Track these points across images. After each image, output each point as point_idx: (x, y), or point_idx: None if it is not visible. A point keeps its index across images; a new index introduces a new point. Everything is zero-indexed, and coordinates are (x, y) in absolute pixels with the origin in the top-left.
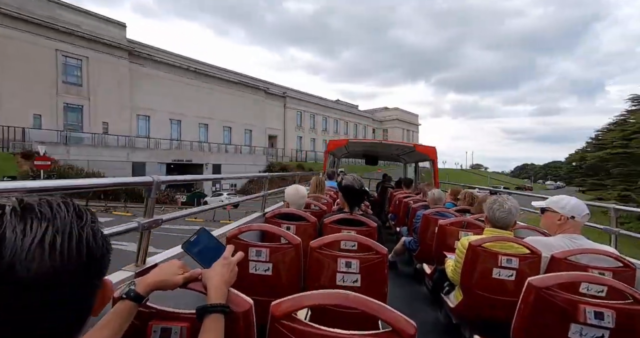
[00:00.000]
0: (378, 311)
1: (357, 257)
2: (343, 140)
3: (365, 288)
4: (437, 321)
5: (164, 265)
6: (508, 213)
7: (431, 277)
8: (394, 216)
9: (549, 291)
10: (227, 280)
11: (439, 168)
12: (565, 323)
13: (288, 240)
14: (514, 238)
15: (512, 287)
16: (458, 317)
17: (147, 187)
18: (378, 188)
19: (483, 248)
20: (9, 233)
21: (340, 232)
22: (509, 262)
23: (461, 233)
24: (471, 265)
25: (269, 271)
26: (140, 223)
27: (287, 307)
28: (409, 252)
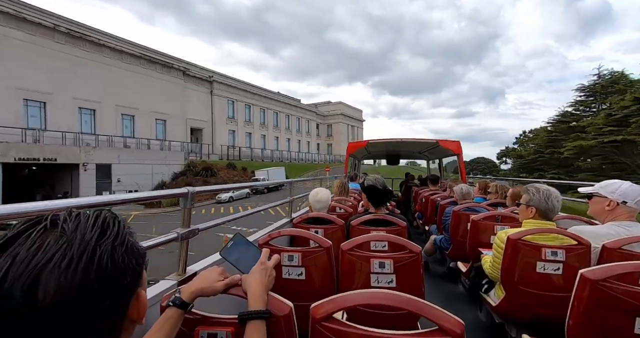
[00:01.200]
0: (424, 310)
1: (391, 256)
2: (363, 142)
3: (401, 289)
4: (479, 320)
5: (205, 273)
6: (560, 201)
7: (467, 275)
8: (421, 215)
9: (606, 283)
10: (266, 285)
11: (385, 165)
12: (628, 318)
13: (319, 243)
14: (558, 229)
15: (560, 282)
16: (502, 316)
17: (183, 198)
18: (402, 187)
19: (524, 241)
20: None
21: (368, 233)
22: (554, 255)
23: (497, 227)
24: (512, 260)
25: (302, 275)
26: (179, 234)
27: (328, 308)
28: (441, 250)
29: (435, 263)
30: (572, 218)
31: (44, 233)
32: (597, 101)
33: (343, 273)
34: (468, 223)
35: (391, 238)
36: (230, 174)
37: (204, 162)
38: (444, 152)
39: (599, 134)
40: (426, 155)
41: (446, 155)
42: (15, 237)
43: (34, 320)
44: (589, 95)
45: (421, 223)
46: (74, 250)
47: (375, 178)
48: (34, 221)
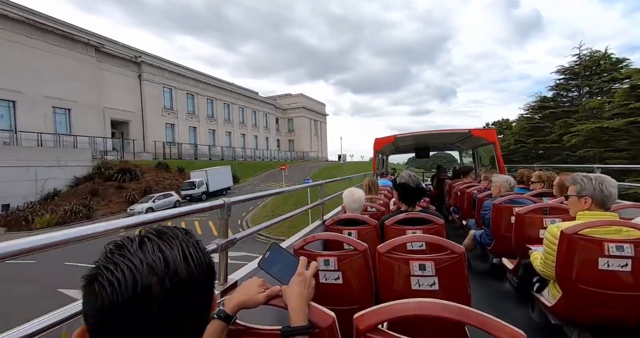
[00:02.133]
0: (477, 320)
1: (432, 258)
2: (390, 137)
3: (444, 292)
4: (532, 322)
5: (246, 284)
6: (616, 189)
7: (515, 273)
8: (457, 209)
9: None
10: (306, 297)
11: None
12: None
13: (354, 246)
14: (623, 221)
15: (630, 280)
16: (560, 317)
17: (220, 210)
18: (433, 181)
19: (580, 235)
20: (164, 248)
21: (404, 233)
22: (620, 250)
23: (545, 220)
24: (568, 256)
25: (339, 279)
26: (219, 244)
27: (373, 319)
28: (482, 246)
29: (476, 259)
30: (635, 207)
31: (159, 240)
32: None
33: (381, 276)
34: (511, 216)
35: (430, 238)
36: (160, 177)
37: (124, 162)
38: (477, 142)
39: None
40: (458, 146)
41: (480, 145)
42: (142, 242)
43: (193, 289)
44: (569, 78)
45: (457, 218)
46: (189, 244)
47: (408, 176)
48: (139, 235)
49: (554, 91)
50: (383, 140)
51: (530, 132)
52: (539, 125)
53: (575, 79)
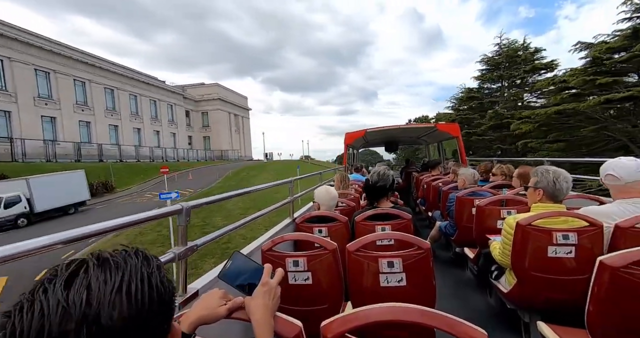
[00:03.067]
0: (441, 323)
1: (399, 254)
2: (360, 132)
3: (411, 286)
4: (489, 307)
5: (205, 297)
6: (569, 182)
7: (475, 262)
8: (424, 201)
9: (628, 270)
10: (271, 308)
11: (279, 160)
12: None
13: (323, 245)
14: (568, 212)
15: (574, 265)
16: (514, 302)
17: (178, 215)
18: (402, 174)
19: (533, 226)
20: (93, 284)
21: (373, 229)
22: (566, 238)
23: (503, 212)
24: (522, 245)
25: (309, 280)
26: (176, 253)
27: (338, 326)
28: (446, 236)
29: (441, 249)
30: (582, 198)
31: (100, 267)
32: (503, 73)
33: (351, 274)
34: (472, 208)
35: (398, 235)
36: None
37: None
38: (442, 136)
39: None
40: (424, 140)
41: (445, 139)
42: (74, 273)
43: (127, 335)
44: (492, 68)
45: (424, 210)
46: (135, 278)
47: (375, 173)
48: (79, 260)
49: (479, 81)
50: (353, 134)
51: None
52: (469, 116)
53: (498, 70)
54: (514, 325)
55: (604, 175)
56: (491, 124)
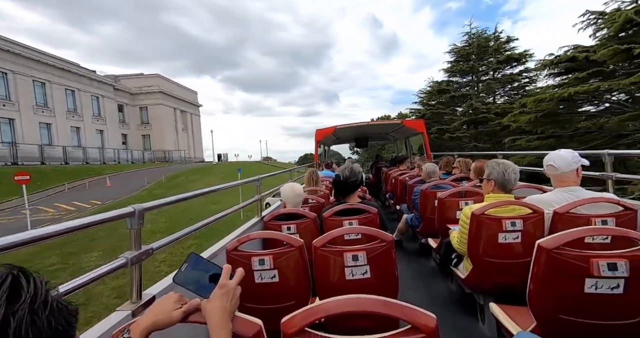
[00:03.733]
0: (393, 310)
1: (364, 248)
2: (330, 128)
3: (375, 278)
4: (450, 292)
5: (159, 302)
6: (516, 175)
7: (438, 251)
8: (392, 195)
9: (559, 251)
10: (229, 310)
11: (234, 161)
12: (579, 280)
13: (289, 243)
14: (515, 201)
15: (520, 249)
16: (470, 287)
17: (130, 218)
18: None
19: (486, 215)
20: None
21: (341, 224)
22: (513, 225)
23: (461, 203)
24: (476, 233)
25: (276, 278)
26: (128, 258)
27: (298, 321)
28: (412, 228)
29: (408, 240)
30: (529, 187)
31: None
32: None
33: (318, 269)
34: (435, 200)
35: (362, 229)
36: None
37: None
38: (409, 132)
39: None
40: (393, 136)
41: (412, 135)
42: None
43: None
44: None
45: (392, 203)
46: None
47: (345, 168)
48: None
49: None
50: (324, 131)
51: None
52: (440, 111)
53: (468, 61)
54: (471, 308)
55: (546, 166)
56: (465, 119)
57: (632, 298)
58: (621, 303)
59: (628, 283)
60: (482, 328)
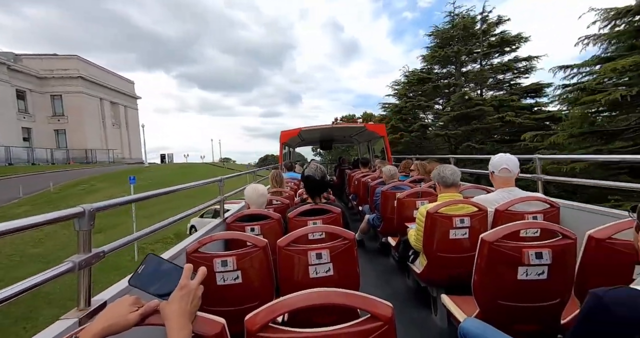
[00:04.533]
0: (352, 301)
1: (327, 246)
2: (295, 130)
3: (338, 275)
4: (407, 287)
5: (112, 306)
6: (453, 173)
7: (397, 248)
8: (355, 196)
9: (499, 243)
10: (190, 312)
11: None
12: (514, 268)
13: (253, 243)
14: (464, 200)
15: (468, 244)
16: (424, 281)
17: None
18: (336, 171)
19: (439, 213)
20: None
21: (306, 224)
22: (462, 222)
23: (418, 203)
24: (431, 230)
25: (239, 279)
26: (76, 262)
27: (262, 318)
28: (374, 228)
29: (370, 240)
30: (476, 188)
31: None
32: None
33: (281, 269)
34: (394, 201)
35: (325, 228)
36: None
37: None
38: (371, 135)
39: None
40: (356, 139)
41: (374, 138)
42: None
43: None
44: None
45: (355, 204)
46: None
47: (315, 168)
48: None
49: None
50: (288, 132)
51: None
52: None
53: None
54: (425, 301)
55: (499, 169)
56: (455, 113)
57: (553, 282)
58: (545, 288)
59: (550, 269)
60: (435, 319)
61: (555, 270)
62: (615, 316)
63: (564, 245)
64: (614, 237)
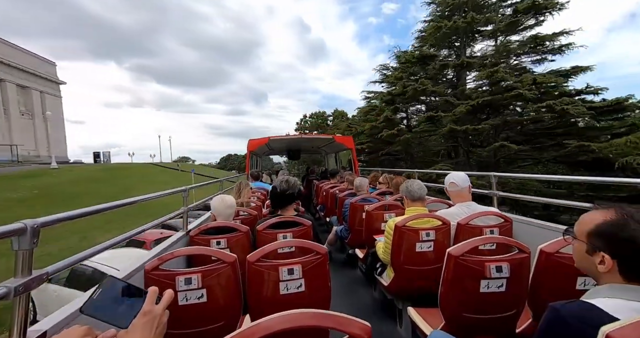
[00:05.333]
0: (330, 321)
1: (299, 261)
2: (264, 139)
3: (309, 291)
4: (374, 299)
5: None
6: (420, 187)
7: (364, 260)
8: (323, 207)
9: (464, 257)
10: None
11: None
12: (477, 281)
13: (221, 258)
14: (430, 214)
15: (432, 257)
16: (392, 293)
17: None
18: (304, 181)
19: (407, 227)
20: None
21: (275, 237)
22: (428, 235)
23: (385, 215)
24: (398, 243)
25: (204, 298)
26: (11, 288)
27: None
28: (341, 239)
29: (337, 251)
30: (440, 202)
31: None
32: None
33: (250, 286)
34: (363, 213)
35: (298, 242)
36: None
37: None
38: (339, 147)
39: None
40: (324, 150)
41: (341, 150)
42: None
43: None
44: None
45: (323, 215)
46: None
47: (281, 181)
48: None
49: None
50: (256, 141)
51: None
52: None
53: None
54: (391, 313)
55: (449, 183)
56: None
57: (510, 294)
58: (503, 299)
59: (509, 282)
60: (400, 331)
61: (513, 283)
62: (570, 328)
63: (520, 258)
64: (560, 251)
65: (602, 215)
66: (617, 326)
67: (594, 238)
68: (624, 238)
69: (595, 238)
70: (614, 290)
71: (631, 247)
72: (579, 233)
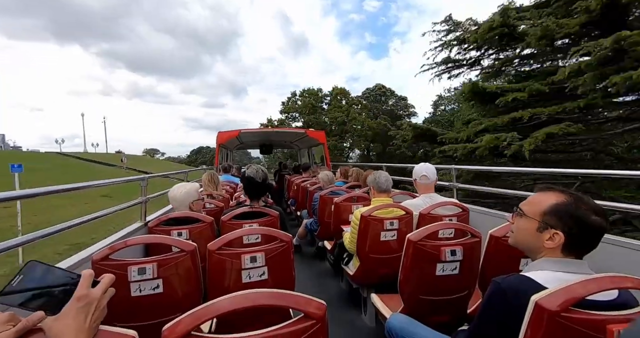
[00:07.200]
0: (284, 300)
1: (262, 249)
2: (234, 132)
3: (273, 279)
4: (341, 289)
5: None
6: (387, 180)
7: (332, 252)
8: (294, 201)
9: (422, 242)
10: (89, 328)
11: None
12: (433, 265)
13: (180, 247)
14: (394, 204)
15: (396, 245)
16: (357, 282)
17: None
18: (276, 176)
19: (372, 216)
20: None
21: (241, 227)
22: (392, 225)
23: (353, 207)
24: (364, 233)
25: (159, 288)
26: None
27: (184, 327)
28: (311, 233)
29: (307, 245)
30: (404, 194)
31: None
32: None
33: (211, 275)
34: (332, 205)
35: (261, 230)
36: None
37: None
38: (311, 142)
39: None
40: (297, 145)
41: (314, 145)
42: None
43: None
44: None
45: (294, 210)
46: None
47: (256, 170)
48: None
49: None
50: (227, 134)
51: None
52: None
53: None
54: (356, 302)
55: (420, 176)
56: None
57: (463, 276)
58: (456, 281)
59: (462, 265)
60: (364, 319)
61: (465, 265)
62: (508, 298)
63: (472, 243)
64: (507, 235)
65: (555, 196)
66: (545, 294)
67: (549, 216)
68: (577, 216)
69: (550, 217)
70: (549, 263)
71: (581, 224)
72: (530, 213)
